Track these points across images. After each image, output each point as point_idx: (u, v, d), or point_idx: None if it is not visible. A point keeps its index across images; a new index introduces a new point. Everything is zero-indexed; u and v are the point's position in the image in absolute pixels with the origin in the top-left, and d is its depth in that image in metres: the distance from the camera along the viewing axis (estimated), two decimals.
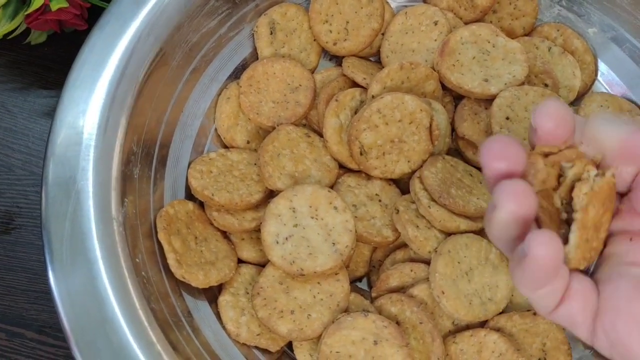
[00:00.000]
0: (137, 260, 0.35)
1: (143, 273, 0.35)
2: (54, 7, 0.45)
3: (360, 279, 0.44)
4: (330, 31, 0.46)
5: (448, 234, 0.40)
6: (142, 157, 0.39)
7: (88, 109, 0.36)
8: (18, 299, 0.46)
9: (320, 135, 0.44)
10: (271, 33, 0.46)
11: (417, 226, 0.40)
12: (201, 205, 0.42)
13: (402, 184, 0.44)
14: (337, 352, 0.36)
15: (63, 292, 0.32)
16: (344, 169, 0.44)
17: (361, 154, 0.41)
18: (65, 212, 0.34)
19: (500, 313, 0.39)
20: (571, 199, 0.24)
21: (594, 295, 0.25)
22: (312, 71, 0.47)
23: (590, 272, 0.26)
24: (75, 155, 0.35)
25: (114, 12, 0.39)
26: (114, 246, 0.34)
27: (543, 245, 0.22)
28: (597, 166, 0.25)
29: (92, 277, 0.33)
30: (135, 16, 0.39)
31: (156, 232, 0.38)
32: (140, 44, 0.38)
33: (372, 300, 0.41)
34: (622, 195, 0.26)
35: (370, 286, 0.44)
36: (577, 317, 0.25)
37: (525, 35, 0.47)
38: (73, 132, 0.36)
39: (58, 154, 0.35)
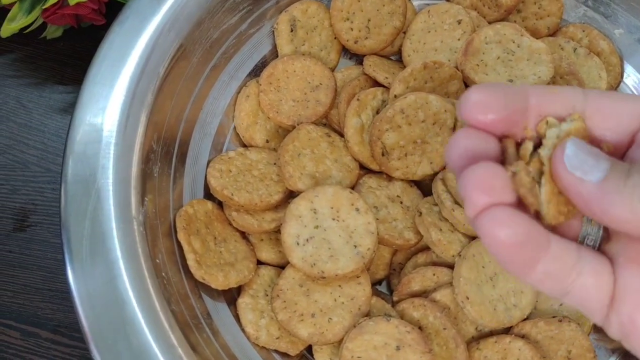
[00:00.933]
0: (157, 260, 0.35)
1: (163, 274, 0.34)
2: (72, 1, 0.44)
3: (380, 282, 0.43)
4: (352, 29, 0.45)
5: (472, 238, 0.39)
6: (162, 155, 0.38)
7: (108, 105, 0.36)
8: (33, 298, 0.46)
9: (341, 135, 0.43)
10: (292, 30, 0.45)
11: (441, 229, 0.39)
12: (220, 205, 0.41)
13: (423, 186, 0.43)
14: (358, 357, 0.36)
15: (82, 292, 0.32)
16: (364, 169, 0.43)
17: (383, 154, 0.40)
18: (85, 211, 0.33)
19: (525, 319, 0.38)
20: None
21: (609, 277, 0.23)
22: (332, 69, 0.46)
23: (596, 247, 0.24)
24: (95, 152, 0.35)
25: (134, 7, 0.38)
26: (134, 246, 0.33)
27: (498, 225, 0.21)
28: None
29: (112, 278, 0.32)
30: (156, 11, 0.38)
31: (175, 232, 0.37)
32: (161, 40, 0.38)
33: (394, 304, 0.40)
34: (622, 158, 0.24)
35: (390, 289, 0.43)
36: (591, 303, 0.23)
37: (550, 35, 0.47)
38: (93, 129, 0.35)
39: (78, 151, 0.35)
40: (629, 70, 0.46)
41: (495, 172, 0.22)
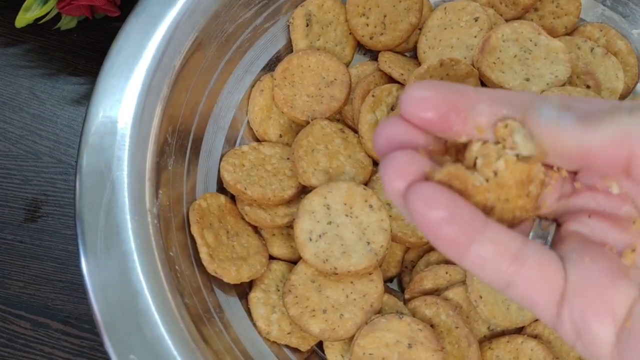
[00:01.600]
0: (171, 253, 0.34)
1: (176, 267, 0.34)
2: None
3: (391, 280, 0.43)
4: (367, 25, 0.45)
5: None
6: (176, 148, 0.38)
7: (123, 97, 0.36)
8: (43, 289, 0.46)
9: (355, 131, 0.43)
10: (307, 25, 0.45)
11: None
12: (233, 199, 0.41)
13: None
14: (370, 354, 0.36)
15: (96, 284, 0.32)
16: (378, 166, 0.43)
17: None
18: (100, 203, 0.33)
19: (538, 319, 0.38)
20: None
21: (558, 274, 0.22)
22: (347, 65, 0.46)
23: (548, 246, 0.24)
24: (110, 144, 0.34)
25: None
26: (148, 239, 0.33)
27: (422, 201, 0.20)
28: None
29: (126, 270, 0.32)
30: (172, 4, 0.38)
31: (189, 225, 0.37)
32: (178, 33, 0.38)
33: (405, 302, 0.40)
34: (575, 173, 0.24)
35: (401, 287, 0.43)
36: (535, 297, 0.22)
37: (567, 34, 0.46)
38: (108, 121, 0.35)
39: (93, 143, 0.34)
40: None
41: (413, 159, 0.22)
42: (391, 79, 0.44)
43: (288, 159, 0.42)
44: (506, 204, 0.22)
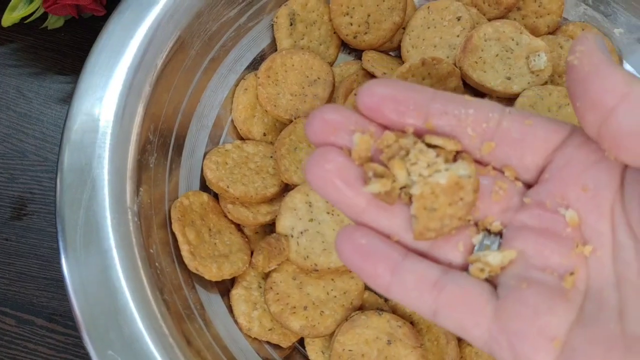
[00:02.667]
0: (151, 250, 0.35)
1: (157, 264, 0.35)
2: None
3: None
4: (351, 24, 0.45)
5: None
6: (158, 146, 0.38)
7: (105, 96, 0.36)
8: (28, 286, 0.46)
9: None
10: (291, 24, 0.45)
11: None
12: (216, 197, 0.41)
13: None
14: (349, 350, 0.36)
15: (76, 281, 0.32)
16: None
17: None
18: (80, 200, 0.33)
19: None
20: None
21: (482, 297, 0.22)
22: (331, 64, 0.46)
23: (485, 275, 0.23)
24: (91, 142, 0.35)
25: None
26: (128, 236, 0.34)
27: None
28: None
29: (105, 267, 0.32)
30: (155, 3, 0.38)
31: (170, 223, 0.37)
32: (160, 32, 0.38)
33: (386, 299, 0.40)
34: (528, 187, 0.24)
35: None
36: (463, 321, 0.22)
37: (550, 33, 0.46)
38: (89, 119, 0.35)
39: (74, 140, 0.35)
40: (627, 69, 0.45)
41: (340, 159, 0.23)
42: (374, 78, 0.44)
43: (271, 157, 0.42)
44: (433, 213, 0.22)
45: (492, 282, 0.23)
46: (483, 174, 0.24)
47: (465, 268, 0.23)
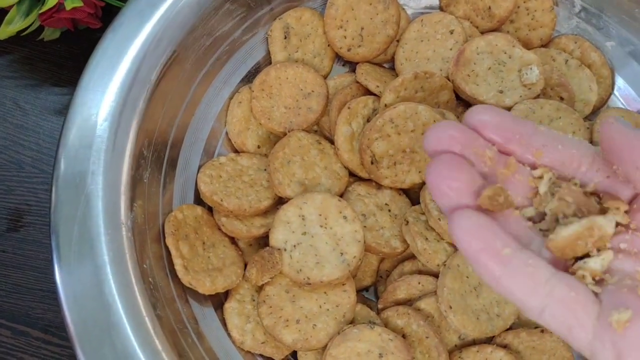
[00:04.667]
0: (145, 266, 0.35)
1: (150, 279, 0.35)
2: (69, 6, 0.44)
3: (367, 289, 0.44)
4: (345, 37, 0.45)
5: (457, 248, 0.39)
6: (153, 160, 0.39)
7: (99, 111, 0.36)
8: (24, 297, 0.46)
9: (331, 142, 0.43)
10: (285, 37, 0.45)
11: (427, 238, 0.39)
12: (210, 210, 0.41)
13: (412, 194, 0.43)
14: None
15: (70, 296, 0.32)
16: (354, 177, 0.43)
17: (372, 163, 0.41)
18: (74, 215, 0.34)
19: (508, 329, 0.38)
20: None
21: (589, 298, 0.24)
22: (325, 77, 0.47)
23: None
24: (85, 158, 0.35)
25: (128, 14, 0.38)
26: (121, 251, 0.34)
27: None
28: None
29: (99, 282, 0.33)
30: (149, 18, 0.39)
31: (164, 237, 0.38)
32: (154, 47, 0.38)
33: (379, 311, 0.40)
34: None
35: (377, 296, 0.43)
36: (569, 321, 0.23)
37: (543, 46, 0.47)
38: (84, 134, 0.36)
39: (69, 156, 0.35)
40: (619, 82, 0.46)
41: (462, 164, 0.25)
42: (368, 91, 0.44)
43: (265, 170, 0.43)
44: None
45: (594, 290, 0.24)
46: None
47: (565, 271, 0.25)
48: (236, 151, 0.44)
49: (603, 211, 0.25)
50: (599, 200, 0.26)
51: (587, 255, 0.25)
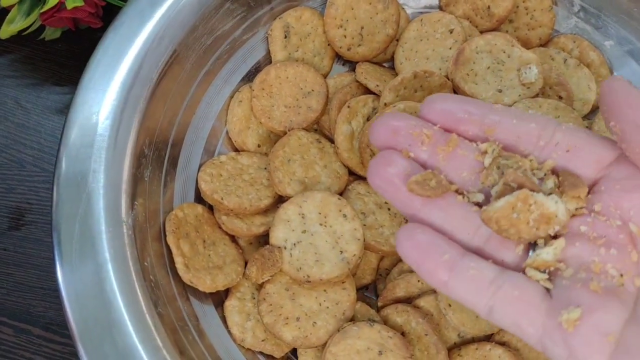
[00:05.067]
0: (146, 263, 0.35)
1: (151, 277, 0.35)
2: (70, 5, 0.45)
3: (367, 287, 0.44)
4: (345, 36, 0.46)
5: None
6: (153, 159, 0.39)
7: (101, 110, 0.36)
8: (26, 296, 0.46)
9: (331, 141, 0.43)
10: (285, 37, 0.45)
11: None
12: (210, 208, 0.42)
13: None
14: None
15: (71, 293, 0.33)
16: (354, 175, 0.44)
17: None
18: (76, 214, 0.34)
19: None
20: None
21: (537, 296, 0.24)
22: (325, 76, 0.47)
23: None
24: (87, 156, 0.35)
25: (129, 13, 0.39)
26: (122, 249, 0.34)
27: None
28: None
29: (100, 280, 0.33)
30: (150, 18, 0.39)
31: (165, 235, 0.38)
32: (155, 46, 0.38)
33: (378, 309, 0.41)
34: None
35: (377, 294, 0.44)
36: (518, 319, 0.24)
37: (542, 45, 0.47)
38: (85, 133, 0.36)
39: (70, 154, 0.35)
40: None
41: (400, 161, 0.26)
42: (367, 90, 0.44)
43: (265, 168, 0.43)
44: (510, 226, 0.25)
45: (545, 286, 0.24)
46: None
47: (518, 269, 0.25)
48: (236, 150, 0.45)
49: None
50: (558, 185, 0.25)
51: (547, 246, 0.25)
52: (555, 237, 0.25)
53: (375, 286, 0.44)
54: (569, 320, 0.22)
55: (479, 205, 0.26)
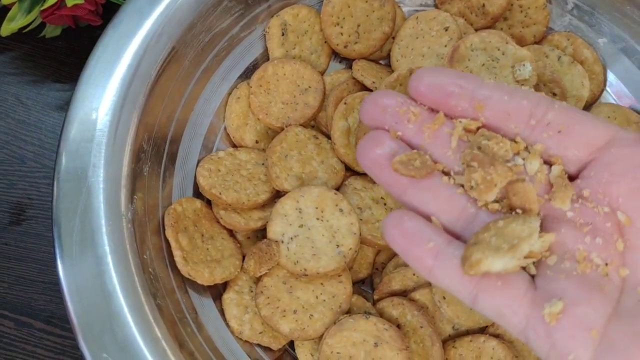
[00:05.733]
0: (145, 256, 0.36)
1: (150, 269, 0.36)
2: (70, 3, 0.45)
3: (363, 281, 0.44)
4: (341, 34, 0.46)
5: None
6: (152, 154, 0.39)
7: (100, 106, 0.37)
8: (27, 289, 0.47)
9: (328, 137, 0.44)
10: (282, 34, 0.46)
11: None
12: (209, 203, 0.42)
13: None
14: (337, 352, 0.37)
15: (72, 286, 0.33)
16: (350, 171, 0.44)
17: None
18: (76, 208, 0.34)
19: None
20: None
21: (521, 286, 0.23)
22: (322, 73, 0.47)
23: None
24: (87, 151, 0.36)
25: (128, 11, 0.39)
26: (122, 242, 0.35)
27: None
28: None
29: (100, 272, 0.34)
30: (149, 15, 0.39)
31: (164, 229, 0.38)
32: (153, 43, 0.39)
33: (374, 302, 0.41)
34: (571, 179, 0.25)
35: (373, 288, 0.44)
36: (501, 309, 0.23)
37: (536, 43, 0.48)
38: (85, 128, 0.36)
39: (70, 149, 0.36)
40: (611, 78, 0.47)
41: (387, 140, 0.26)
42: (364, 87, 0.45)
43: (263, 164, 0.43)
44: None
45: (529, 273, 0.24)
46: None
47: None
48: (234, 146, 0.45)
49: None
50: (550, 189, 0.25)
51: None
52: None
53: (372, 280, 0.44)
54: (552, 314, 0.22)
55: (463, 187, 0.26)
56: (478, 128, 0.26)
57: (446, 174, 0.26)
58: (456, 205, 0.25)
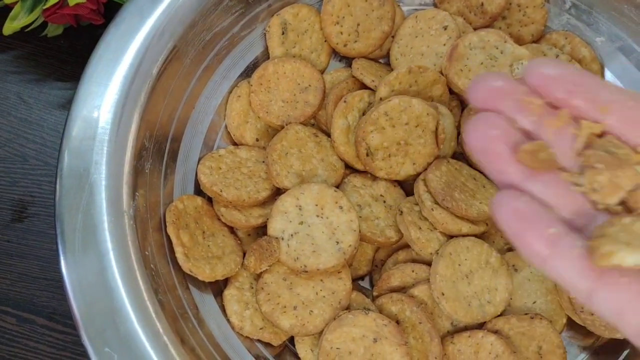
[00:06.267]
0: (147, 252, 0.36)
1: (152, 265, 0.36)
2: (72, 2, 0.46)
3: (362, 278, 0.45)
4: (341, 33, 0.47)
5: (450, 237, 0.41)
6: (154, 152, 0.40)
7: (102, 104, 0.37)
8: (29, 286, 0.47)
9: (328, 135, 0.44)
10: (283, 33, 0.46)
11: (420, 228, 0.40)
12: (209, 200, 0.43)
13: (406, 186, 0.44)
14: (337, 348, 0.37)
15: (74, 282, 0.34)
16: (350, 169, 0.45)
17: (367, 155, 0.42)
18: (79, 204, 0.35)
19: (499, 316, 0.40)
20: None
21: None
22: (322, 72, 0.48)
23: None
24: (89, 149, 0.36)
25: (130, 9, 0.40)
26: (124, 239, 0.35)
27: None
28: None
29: (102, 269, 0.34)
30: (150, 14, 0.40)
31: (165, 226, 0.39)
32: (155, 41, 0.39)
33: (374, 299, 0.42)
34: None
35: (372, 285, 0.45)
36: (624, 306, 0.22)
37: (534, 42, 0.48)
38: (88, 126, 0.37)
39: (73, 147, 0.36)
40: (608, 76, 0.47)
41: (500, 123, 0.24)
42: (363, 85, 0.45)
43: (263, 162, 0.44)
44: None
45: None
46: None
47: None
48: (235, 144, 0.46)
49: None
50: None
51: None
52: None
53: (371, 277, 0.45)
54: None
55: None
56: (602, 132, 0.25)
57: (563, 171, 0.25)
58: (576, 202, 0.24)
